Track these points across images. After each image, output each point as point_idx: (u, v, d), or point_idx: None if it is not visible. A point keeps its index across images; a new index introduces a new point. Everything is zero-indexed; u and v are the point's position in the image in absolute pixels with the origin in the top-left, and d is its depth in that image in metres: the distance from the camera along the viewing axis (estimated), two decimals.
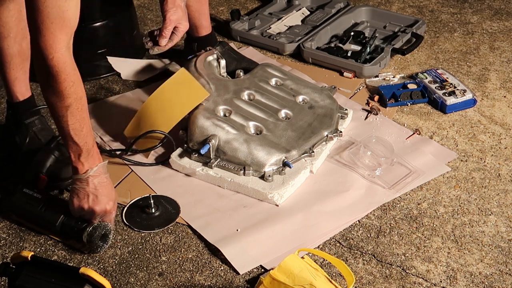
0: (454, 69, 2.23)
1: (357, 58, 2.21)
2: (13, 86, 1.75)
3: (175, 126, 1.84)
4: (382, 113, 1.99)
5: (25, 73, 1.75)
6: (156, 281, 1.47)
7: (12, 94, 1.76)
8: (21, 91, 1.77)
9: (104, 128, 1.95)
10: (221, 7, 2.72)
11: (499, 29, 2.49)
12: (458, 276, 1.47)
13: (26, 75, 1.76)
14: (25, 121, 1.78)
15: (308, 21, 2.48)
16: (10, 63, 1.70)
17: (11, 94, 1.77)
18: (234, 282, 1.47)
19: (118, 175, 1.77)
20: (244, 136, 1.74)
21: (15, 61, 1.71)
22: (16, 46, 1.69)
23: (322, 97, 1.92)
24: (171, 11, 1.77)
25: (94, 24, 2.19)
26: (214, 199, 1.69)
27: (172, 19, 1.78)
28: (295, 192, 1.70)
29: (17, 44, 1.69)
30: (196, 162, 1.75)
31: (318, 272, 1.40)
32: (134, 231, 1.61)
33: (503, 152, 1.85)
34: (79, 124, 1.44)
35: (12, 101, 1.78)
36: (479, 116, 2.00)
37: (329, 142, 1.83)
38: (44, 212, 1.56)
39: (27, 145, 1.76)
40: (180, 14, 1.78)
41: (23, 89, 1.77)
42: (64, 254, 1.55)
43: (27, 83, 1.77)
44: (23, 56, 1.71)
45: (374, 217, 1.63)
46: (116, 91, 2.16)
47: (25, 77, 1.76)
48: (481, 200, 1.68)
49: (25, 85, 1.77)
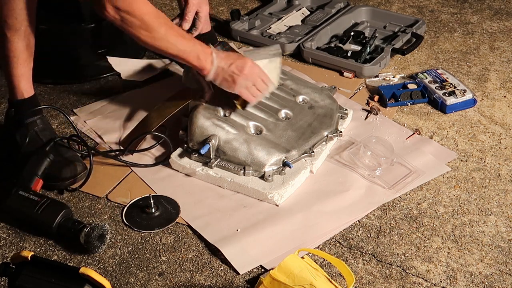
0: (454, 69, 2.23)
1: (357, 58, 2.21)
2: (19, 82, 1.75)
3: (175, 126, 1.85)
4: (382, 113, 1.99)
5: (30, 69, 1.76)
6: (156, 281, 1.47)
7: (16, 91, 1.76)
8: (25, 88, 1.77)
9: (104, 128, 1.95)
10: (221, 7, 2.72)
11: (499, 29, 2.49)
12: (458, 276, 1.47)
13: (31, 72, 1.76)
14: (26, 121, 1.77)
15: (308, 21, 2.48)
16: (19, 58, 1.71)
17: (15, 91, 1.76)
18: (234, 282, 1.47)
19: (118, 175, 1.77)
20: (244, 136, 1.74)
21: (23, 56, 1.71)
22: (25, 41, 1.69)
23: (322, 97, 1.92)
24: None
25: (94, 24, 2.18)
26: (214, 199, 1.69)
27: (194, 2, 1.83)
28: (295, 192, 1.70)
29: (26, 39, 1.69)
30: (196, 162, 1.75)
31: (318, 272, 1.40)
32: (134, 231, 1.61)
33: (503, 152, 1.85)
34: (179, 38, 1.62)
35: (15, 98, 1.77)
36: (479, 116, 2.00)
37: (329, 142, 1.83)
38: (40, 214, 1.56)
39: (27, 145, 1.75)
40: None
41: (27, 86, 1.77)
42: (64, 254, 1.55)
43: (31, 80, 1.78)
44: (30, 51, 1.72)
45: (374, 217, 1.63)
46: (116, 91, 2.16)
47: (30, 74, 1.76)
48: (481, 200, 1.68)
49: (29, 83, 1.78)
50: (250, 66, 1.71)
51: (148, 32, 1.56)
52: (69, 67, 2.21)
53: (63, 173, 1.71)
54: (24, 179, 1.64)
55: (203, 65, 1.66)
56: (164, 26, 1.58)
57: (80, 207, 1.68)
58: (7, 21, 1.64)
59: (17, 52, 1.70)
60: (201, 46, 1.66)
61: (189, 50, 1.63)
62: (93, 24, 2.18)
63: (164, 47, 1.60)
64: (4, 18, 1.64)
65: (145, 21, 1.54)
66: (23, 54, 1.71)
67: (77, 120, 1.99)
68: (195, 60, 1.65)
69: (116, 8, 1.50)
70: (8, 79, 1.76)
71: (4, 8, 1.63)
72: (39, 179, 1.65)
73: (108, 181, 1.75)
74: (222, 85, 1.72)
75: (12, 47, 1.69)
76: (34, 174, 1.64)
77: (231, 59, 1.70)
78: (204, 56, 1.66)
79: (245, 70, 1.70)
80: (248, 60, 1.72)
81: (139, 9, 1.53)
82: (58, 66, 2.18)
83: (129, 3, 1.51)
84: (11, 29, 1.66)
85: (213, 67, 1.67)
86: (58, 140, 1.75)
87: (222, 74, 1.69)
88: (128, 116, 2.00)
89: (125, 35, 2.27)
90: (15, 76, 1.73)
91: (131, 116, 2.00)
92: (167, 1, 2.76)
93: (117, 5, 1.50)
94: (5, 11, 1.63)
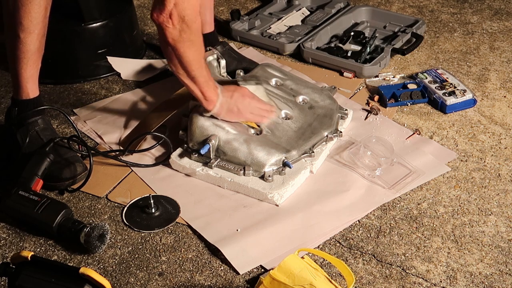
0: (454, 69, 2.23)
1: (357, 58, 2.21)
2: (27, 82, 1.75)
3: (175, 126, 1.85)
4: (382, 113, 1.99)
5: (38, 71, 1.77)
6: (156, 281, 1.47)
7: (23, 91, 1.76)
8: (32, 88, 1.77)
9: (104, 128, 1.95)
10: (221, 7, 2.72)
11: (499, 29, 2.49)
12: (458, 276, 1.47)
13: (38, 74, 1.77)
14: (27, 121, 1.77)
15: (308, 21, 2.48)
16: (29, 60, 1.72)
17: (21, 90, 1.76)
18: (234, 282, 1.47)
19: (118, 175, 1.77)
20: (244, 136, 1.74)
21: (33, 58, 1.72)
22: (37, 43, 1.70)
23: (322, 97, 1.92)
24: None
25: (94, 24, 2.19)
26: (214, 199, 1.69)
27: None
28: (295, 192, 1.70)
29: (38, 41, 1.70)
30: (196, 162, 1.75)
31: (318, 272, 1.40)
32: (134, 231, 1.61)
33: (503, 152, 1.85)
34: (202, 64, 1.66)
35: (21, 98, 1.77)
36: (479, 116, 2.00)
37: (329, 142, 1.83)
38: (40, 214, 1.56)
39: (27, 145, 1.75)
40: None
41: (34, 87, 1.78)
42: (64, 254, 1.55)
43: (37, 81, 1.79)
44: (40, 53, 1.73)
45: (374, 217, 1.63)
46: (116, 91, 2.16)
47: (37, 75, 1.78)
48: (481, 200, 1.68)
49: (36, 84, 1.79)
50: (248, 93, 1.78)
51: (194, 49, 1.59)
52: (69, 67, 2.21)
53: (63, 173, 1.71)
54: (24, 179, 1.64)
55: (210, 97, 1.70)
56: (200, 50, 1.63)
57: (80, 207, 1.68)
58: (23, 23, 1.65)
59: (29, 54, 1.71)
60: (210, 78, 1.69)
61: (203, 80, 1.66)
62: (93, 24, 2.19)
63: (189, 69, 1.62)
64: (20, 19, 1.65)
65: (195, 38, 1.57)
66: (34, 56, 1.72)
67: (77, 120, 1.99)
68: (204, 87, 1.67)
69: (180, 18, 1.51)
70: (15, 78, 1.76)
71: (21, 10, 1.64)
72: (39, 179, 1.65)
73: (108, 181, 1.75)
74: (228, 116, 1.75)
75: (24, 49, 1.70)
76: (34, 174, 1.64)
77: (230, 91, 1.75)
78: (213, 87, 1.70)
79: (246, 97, 1.76)
80: (243, 87, 1.80)
81: (198, 25, 1.56)
82: (58, 66, 2.18)
83: (195, 17, 1.53)
84: (25, 31, 1.67)
85: (219, 100, 1.71)
86: (58, 140, 1.75)
87: (226, 106, 1.73)
88: (128, 116, 2.00)
89: (125, 35, 2.31)
90: (24, 77, 1.74)
91: (131, 116, 2.00)
92: None
93: (184, 15, 1.50)
94: (22, 13, 1.64)
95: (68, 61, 2.20)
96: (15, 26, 1.66)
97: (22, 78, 1.74)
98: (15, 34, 1.67)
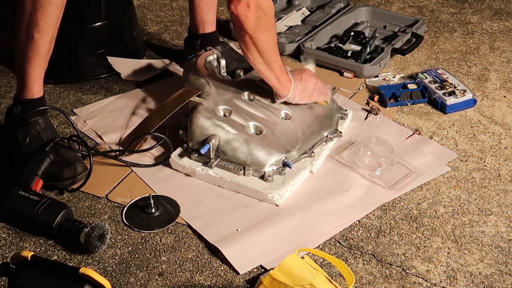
0: (454, 69, 2.23)
1: (357, 58, 2.21)
2: (34, 83, 1.76)
3: (175, 126, 1.85)
4: (382, 113, 1.99)
5: (44, 71, 1.77)
6: (156, 281, 1.47)
7: (29, 91, 1.77)
8: (38, 89, 1.78)
9: (104, 128, 1.95)
10: (221, 7, 2.72)
11: (499, 29, 2.49)
12: (458, 276, 1.47)
13: (44, 74, 1.78)
14: (28, 120, 1.77)
15: (308, 21, 2.48)
16: (40, 61, 1.72)
17: (27, 91, 1.76)
18: (234, 282, 1.47)
19: (118, 175, 1.77)
20: (244, 136, 1.74)
21: (43, 59, 1.73)
22: (49, 44, 1.71)
23: None
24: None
25: (94, 24, 2.19)
26: (214, 199, 1.69)
27: None
28: (295, 192, 1.70)
29: (50, 43, 1.71)
30: (196, 162, 1.75)
31: (318, 272, 1.40)
32: (134, 231, 1.61)
33: (503, 152, 1.85)
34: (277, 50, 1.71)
35: (25, 97, 1.77)
36: (479, 116, 2.00)
37: (329, 143, 1.83)
38: (40, 214, 1.56)
39: (28, 144, 1.75)
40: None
41: (40, 88, 1.79)
42: (64, 254, 1.55)
43: (42, 82, 1.79)
44: (49, 55, 1.74)
45: (374, 217, 1.63)
46: (116, 91, 2.16)
47: (43, 76, 1.78)
48: (481, 200, 1.68)
49: (42, 84, 1.79)
50: (312, 73, 1.85)
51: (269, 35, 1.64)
52: (69, 67, 2.21)
53: (64, 173, 1.71)
54: (24, 179, 1.64)
55: (285, 82, 1.75)
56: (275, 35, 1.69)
57: (80, 207, 1.68)
58: (40, 24, 1.66)
59: (40, 55, 1.71)
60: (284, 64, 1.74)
61: (278, 65, 1.71)
62: (93, 24, 2.19)
63: (267, 55, 1.66)
64: (37, 20, 1.65)
65: (272, 23, 1.64)
66: (44, 57, 1.73)
67: (77, 120, 1.99)
68: (279, 73, 1.72)
69: (258, 6, 1.57)
70: (21, 78, 1.76)
71: (38, 11, 1.64)
72: (39, 179, 1.65)
73: (108, 181, 1.75)
74: (301, 99, 1.81)
75: (37, 50, 1.70)
76: (34, 174, 1.64)
77: (298, 74, 1.80)
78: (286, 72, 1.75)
79: (313, 77, 1.82)
80: (306, 69, 1.87)
81: (273, 10, 1.63)
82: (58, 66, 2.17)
83: (270, 2, 1.60)
84: (40, 32, 1.67)
85: (292, 84, 1.76)
86: (58, 140, 1.75)
87: (299, 89, 1.78)
88: (128, 116, 2.00)
89: (125, 35, 2.31)
90: (32, 77, 1.75)
91: (131, 116, 2.00)
92: (167, 1, 2.76)
93: (261, 2, 1.57)
94: (39, 14, 1.64)
95: (68, 61, 2.20)
96: (30, 27, 1.66)
97: (30, 78, 1.75)
98: (29, 34, 1.67)
